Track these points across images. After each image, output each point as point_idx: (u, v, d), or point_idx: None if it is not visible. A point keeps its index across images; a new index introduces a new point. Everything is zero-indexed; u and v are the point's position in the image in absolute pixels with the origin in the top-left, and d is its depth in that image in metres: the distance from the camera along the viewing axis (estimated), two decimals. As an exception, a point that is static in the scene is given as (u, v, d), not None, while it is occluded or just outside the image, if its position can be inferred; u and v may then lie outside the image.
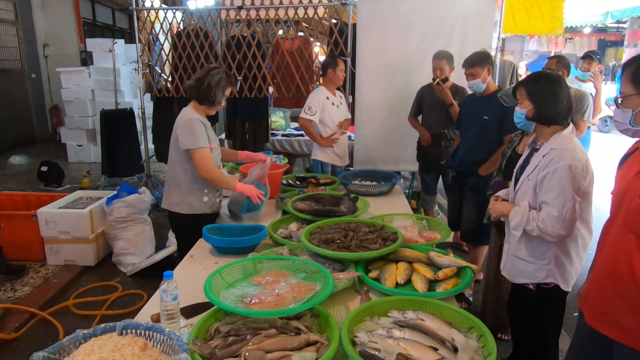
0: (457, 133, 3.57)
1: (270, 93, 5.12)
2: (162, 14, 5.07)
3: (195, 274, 1.99)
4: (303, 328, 1.45)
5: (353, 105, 4.52)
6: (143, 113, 5.42)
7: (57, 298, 3.39)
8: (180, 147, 2.47)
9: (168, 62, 5.08)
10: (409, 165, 4.44)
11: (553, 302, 2.04)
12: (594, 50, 5.15)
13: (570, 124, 1.92)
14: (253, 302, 1.53)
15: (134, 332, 1.38)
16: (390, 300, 1.63)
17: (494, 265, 2.73)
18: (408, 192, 4.81)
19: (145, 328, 1.38)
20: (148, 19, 5.20)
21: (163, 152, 5.78)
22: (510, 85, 5.66)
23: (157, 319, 1.57)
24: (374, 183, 3.27)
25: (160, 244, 4.04)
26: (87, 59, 8.27)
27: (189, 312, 1.66)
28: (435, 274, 1.85)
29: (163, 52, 5.10)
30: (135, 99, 7.10)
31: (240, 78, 4.83)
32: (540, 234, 1.85)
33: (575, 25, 11.12)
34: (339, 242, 2.03)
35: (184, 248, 2.53)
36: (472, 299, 3.32)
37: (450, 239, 3.97)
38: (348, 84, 4.56)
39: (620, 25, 13.78)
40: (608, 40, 16.88)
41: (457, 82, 3.82)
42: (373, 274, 1.89)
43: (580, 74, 4.86)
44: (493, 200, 2.15)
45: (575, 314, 1.77)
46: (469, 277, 1.83)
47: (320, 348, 1.36)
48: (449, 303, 1.62)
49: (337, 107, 3.82)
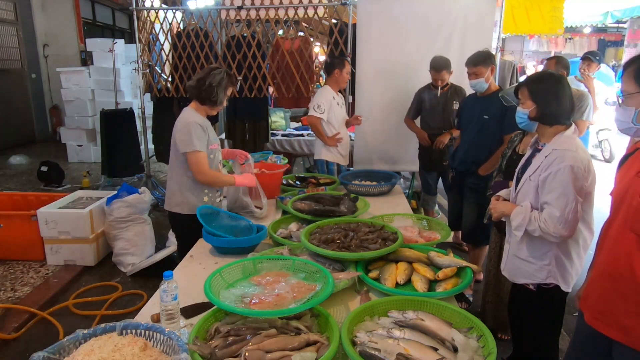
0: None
1: (270, 93, 5.12)
2: (162, 14, 5.07)
3: (195, 274, 1.99)
4: (303, 328, 1.45)
5: (353, 105, 4.53)
6: (143, 113, 5.42)
7: (57, 298, 3.39)
8: (178, 150, 2.49)
9: (168, 62, 5.08)
10: (409, 165, 4.44)
11: (553, 302, 2.04)
12: (593, 52, 5.15)
13: (573, 125, 1.91)
14: (253, 302, 1.53)
15: (134, 332, 1.38)
16: (390, 300, 1.63)
17: (494, 265, 2.73)
18: (408, 192, 4.81)
19: (145, 328, 1.38)
20: (148, 19, 5.20)
21: (163, 152, 5.78)
22: (511, 85, 5.68)
23: (157, 319, 1.57)
24: (374, 183, 3.27)
25: (160, 244, 4.03)
26: (87, 59, 8.27)
27: (189, 312, 1.66)
28: (435, 274, 1.85)
29: (163, 52, 5.10)
30: (135, 99, 7.10)
31: (240, 78, 4.83)
32: (542, 235, 1.84)
33: (575, 25, 11.11)
34: (339, 242, 2.03)
35: (185, 248, 2.53)
36: (472, 299, 3.32)
37: (450, 239, 3.97)
38: (348, 84, 4.56)
39: (620, 25, 13.77)
40: (608, 40, 16.87)
41: (456, 82, 3.83)
42: (373, 274, 1.89)
43: (580, 75, 4.87)
44: (494, 200, 2.15)
45: (575, 314, 1.77)
46: (469, 277, 1.83)
47: (320, 348, 1.36)
48: (449, 303, 1.62)
49: (340, 106, 3.85)
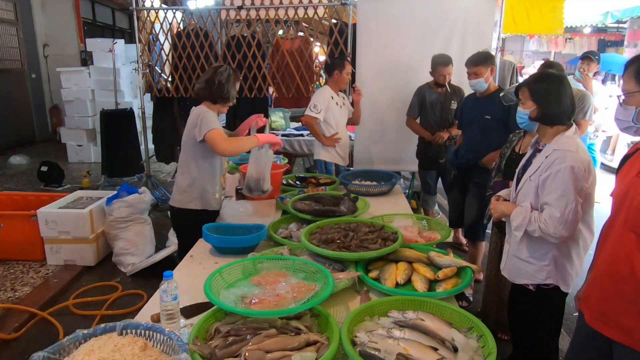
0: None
1: (270, 93, 5.12)
2: (162, 14, 5.07)
3: (195, 274, 1.98)
4: (303, 328, 1.45)
5: (353, 105, 4.52)
6: (143, 113, 5.42)
7: (57, 298, 3.39)
8: (197, 138, 2.45)
9: (168, 62, 5.09)
10: (409, 165, 4.44)
11: (553, 303, 2.04)
12: (593, 51, 5.15)
13: (574, 125, 1.91)
14: (253, 302, 1.53)
15: (134, 332, 1.38)
16: (390, 300, 1.63)
17: (495, 266, 2.73)
18: (408, 192, 4.81)
19: (145, 328, 1.38)
20: (148, 19, 5.20)
21: (163, 152, 5.79)
22: (511, 85, 5.68)
23: (157, 319, 1.57)
24: (374, 183, 3.27)
25: (160, 244, 4.03)
26: (87, 59, 8.27)
27: (189, 312, 1.66)
28: (435, 274, 1.85)
29: (163, 52, 5.10)
30: (135, 99, 7.10)
31: (240, 78, 4.83)
32: (542, 235, 1.84)
33: (575, 25, 11.11)
34: (339, 242, 2.03)
35: (189, 245, 2.53)
36: (471, 299, 3.33)
37: (450, 239, 3.97)
38: (348, 84, 4.56)
39: (620, 25, 13.76)
40: (608, 40, 16.86)
41: (456, 82, 3.83)
42: (373, 274, 1.89)
43: (579, 75, 4.87)
44: (494, 200, 2.15)
45: (575, 314, 1.77)
46: (469, 277, 1.83)
47: (320, 348, 1.36)
48: (449, 303, 1.62)
49: (340, 107, 3.83)
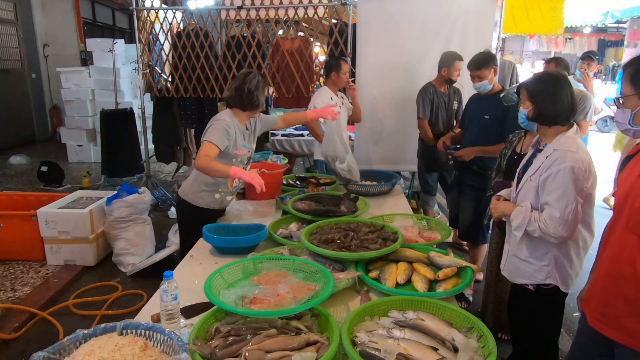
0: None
1: (270, 94, 5.12)
2: (162, 14, 5.07)
3: (195, 274, 1.98)
4: (303, 328, 1.45)
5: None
6: (143, 113, 5.42)
7: (57, 298, 3.39)
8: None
9: (168, 62, 5.08)
10: (409, 165, 4.44)
11: (552, 303, 2.04)
12: (593, 51, 5.15)
13: (574, 125, 1.91)
14: (253, 302, 1.53)
15: (134, 332, 1.38)
16: (390, 300, 1.63)
17: (495, 265, 2.73)
18: (408, 192, 4.81)
19: (145, 328, 1.38)
20: (148, 19, 5.20)
21: (163, 152, 5.78)
22: (511, 85, 5.68)
23: (157, 319, 1.57)
24: (374, 183, 3.27)
25: (160, 244, 4.03)
26: (87, 59, 8.27)
27: (189, 312, 1.66)
28: (436, 274, 1.85)
29: (163, 52, 5.10)
30: (135, 99, 7.10)
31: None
32: (542, 235, 1.84)
33: (575, 25, 11.12)
34: (339, 242, 2.03)
35: (185, 239, 2.54)
36: (471, 299, 3.33)
37: (450, 239, 3.97)
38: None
39: (620, 25, 13.77)
40: (608, 40, 16.88)
41: (456, 82, 3.83)
42: (373, 274, 1.89)
43: (579, 75, 4.87)
44: (495, 200, 2.15)
45: (576, 314, 1.77)
46: (469, 277, 1.83)
47: (320, 348, 1.36)
48: (449, 303, 1.62)
49: (339, 107, 3.83)
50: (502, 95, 2.89)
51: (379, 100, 4.25)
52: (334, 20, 4.89)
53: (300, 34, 5.65)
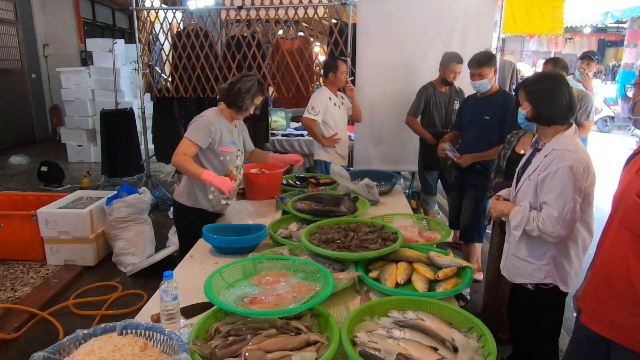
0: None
1: (270, 94, 5.12)
2: (162, 14, 5.07)
3: (195, 274, 1.99)
4: (303, 328, 1.45)
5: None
6: (143, 113, 5.42)
7: (57, 298, 3.39)
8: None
9: (168, 62, 5.09)
10: (409, 165, 4.44)
11: (552, 302, 2.04)
12: (592, 51, 5.15)
13: (573, 125, 1.92)
14: (253, 302, 1.53)
15: (134, 332, 1.38)
16: (390, 300, 1.63)
17: (496, 266, 2.73)
18: (408, 192, 4.81)
19: (145, 328, 1.38)
20: (148, 19, 5.20)
21: (163, 152, 5.78)
22: (511, 85, 5.68)
23: (157, 319, 1.57)
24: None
25: (160, 244, 4.04)
26: (87, 59, 8.27)
27: (189, 312, 1.66)
28: (435, 274, 1.85)
29: (163, 52, 5.10)
30: (135, 99, 7.10)
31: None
32: (541, 235, 1.85)
33: (575, 25, 11.13)
34: (339, 242, 2.03)
35: (184, 241, 2.53)
36: (469, 297, 3.33)
37: (450, 239, 3.98)
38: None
39: (620, 25, 13.78)
40: (608, 40, 16.88)
41: (456, 81, 3.82)
42: (373, 274, 1.89)
43: (579, 75, 4.86)
44: (494, 200, 2.15)
45: (575, 314, 1.77)
46: (469, 277, 1.84)
47: (320, 348, 1.36)
48: (449, 303, 1.62)
49: (338, 107, 3.84)
50: None
51: (379, 100, 4.25)
52: (334, 20, 4.89)
53: (300, 34, 5.66)
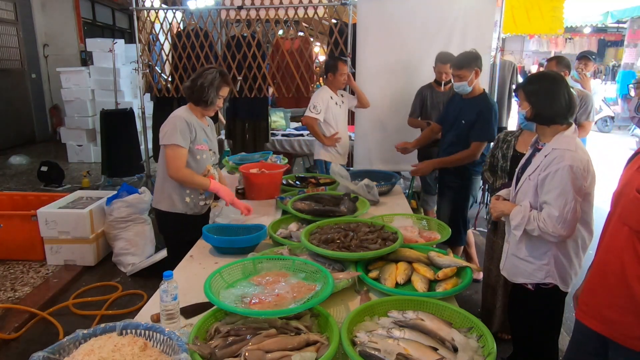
0: None
1: (270, 94, 5.12)
2: (162, 14, 5.07)
3: (195, 274, 1.98)
4: (303, 328, 1.45)
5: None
6: (143, 113, 5.42)
7: (57, 298, 3.39)
8: (159, 142, 2.44)
9: (168, 62, 5.09)
10: (409, 166, 4.43)
11: (552, 302, 2.04)
12: (590, 51, 5.14)
13: (573, 124, 1.92)
14: (253, 302, 1.53)
15: (134, 332, 1.38)
16: (390, 300, 1.63)
17: (495, 266, 2.73)
18: (408, 192, 4.80)
19: (145, 328, 1.38)
20: (148, 19, 5.20)
21: (163, 152, 5.78)
22: (511, 85, 5.67)
23: (157, 319, 1.57)
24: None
25: (160, 244, 4.03)
26: (87, 59, 8.27)
27: (189, 312, 1.66)
28: (435, 274, 1.85)
29: (163, 52, 5.10)
30: (135, 99, 7.10)
31: (240, 78, 4.83)
32: (541, 234, 1.85)
33: (575, 25, 11.13)
34: (339, 242, 2.03)
35: (171, 246, 2.51)
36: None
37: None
38: (348, 87, 4.56)
39: (620, 25, 13.78)
40: (608, 40, 16.89)
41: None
42: (373, 274, 1.89)
43: (577, 75, 4.86)
44: (494, 200, 2.15)
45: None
46: (469, 277, 1.84)
47: (320, 348, 1.36)
48: (449, 303, 1.62)
49: (339, 106, 3.85)
50: None
51: (379, 100, 4.25)
52: (334, 20, 4.89)
53: (300, 34, 5.66)
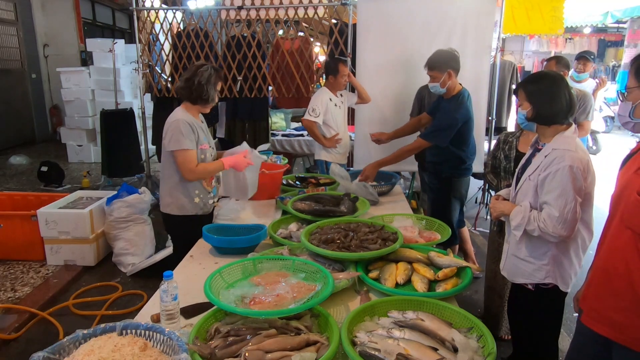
0: None
1: (270, 95, 5.12)
2: (162, 14, 5.07)
3: (195, 274, 1.99)
4: (303, 328, 1.45)
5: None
6: (143, 113, 5.42)
7: (57, 298, 3.39)
8: (165, 148, 2.46)
9: (168, 62, 5.09)
10: (409, 165, 4.44)
11: (552, 302, 2.04)
12: (588, 51, 5.14)
13: (573, 125, 1.92)
14: (253, 302, 1.53)
15: (134, 332, 1.38)
16: (390, 300, 1.63)
17: (495, 266, 2.73)
18: (408, 192, 4.81)
19: (145, 328, 1.38)
20: (148, 19, 5.20)
21: (163, 152, 5.78)
22: (511, 85, 5.67)
23: (157, 319, 1.57)
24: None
25: (160, 244, 4.04)
26: (87, 59, 8.27)
27: (189, 312, 1.66)
28: (435, 274, 1.85)
29: (163, 52, 5.10)
30: (135, 99, 7.10)
31: (240, 78, 4.83)
32: (542, 235, 1.85)
33: (575, 25, 11.11)
34: (339, 242, 2.03)
35: (179, 250, 2.51)
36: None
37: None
38: (348, 84, 4.56)
39: (620, 25, 13.77)
40: (608, 40, 16.87)
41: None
42: (373, 274, 1.89)
43: (576, 75, 4.86)
44: (494, 200, 2.15)
45: (576, 314, 1.77)
46: (469, 277, 1.84)
47: (320, 348, 1.36)
48: (449, 303, 1.62)
49: (339, 107, 3.85)
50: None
51: (379, 100, 4.25)
52: (334, 21, 4.89)
53: (300, 34, 5.66)
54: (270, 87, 4.97)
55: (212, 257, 2.20)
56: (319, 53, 6.47)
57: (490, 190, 4.52)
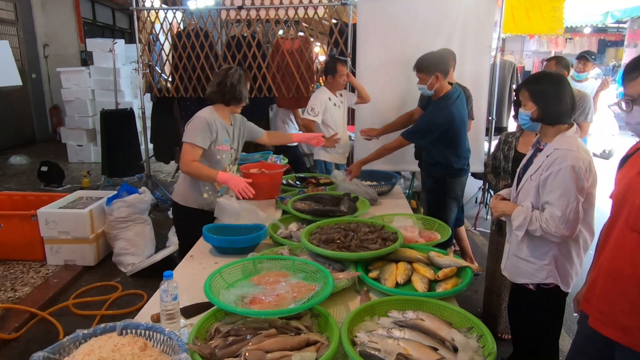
0: None
1: (270, 94, 5.12)
2: (162, 14, 5.07)
3: (195, 274, 1.98)
4: (303, 328, 1.45)
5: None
6: (143, 113, 5.42)
7: (57, 298, 3.39)
8: (182, 139, 2.55)
9: (168, 62, 5.08)
10: (409, 165, 4.43)
11: (553, 302, 2.04)
12: (589, 51, 5.14)
13: (575, 124, 1.92)
14: (253, 302, 1.53)
15: (134, 332, 1.38)
16: (390, 300, 1.63)
17: (495, 265, 2.73)
18: (408, 192, 4.81)
19: (145, 328, 1.38)
20: (148, 19, 5.20)
21: (163, 152, 5.78)
22: (512, 85, 5.67)
23: (157, 319, 1.57)
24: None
25: (160, 244, 4.04)
26: (87, 59, 8.27)
27: (189, 312, 1.66)
28: (435, 274, 1.85)
29: (163, 52, 5.10)
30: (135, 99, 7.10)
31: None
32: (544, 235, 1.84)
33: (575, 25, 11.11)
34: (339, 242, 2.03)
35: (183, 240, 2.58)
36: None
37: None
38: (348, 84, 4.56)
39: (620, 25, 13.76)
40: (608, 40, 16.86)
41: (459, 80, 3.81)
42: (373, 274, 1.89)
43: (576, 75, 4.86)
44: (494, 200, 2.15)
45: (576, 315, 1.77)
46: (469, 277, 1.83)
47: (320, 348, 1.36)
48: (449, 303, 1.62)
49: (338, 107, 3.85)
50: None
51: (379, 101, 4.24)
52: (334, 20, 4.89)
53: (300, 34, 5.65)
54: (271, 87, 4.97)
55: (212, 257, 2.20)
56: (319, 53, 6.47)
57: (490, 190, 4.52)
